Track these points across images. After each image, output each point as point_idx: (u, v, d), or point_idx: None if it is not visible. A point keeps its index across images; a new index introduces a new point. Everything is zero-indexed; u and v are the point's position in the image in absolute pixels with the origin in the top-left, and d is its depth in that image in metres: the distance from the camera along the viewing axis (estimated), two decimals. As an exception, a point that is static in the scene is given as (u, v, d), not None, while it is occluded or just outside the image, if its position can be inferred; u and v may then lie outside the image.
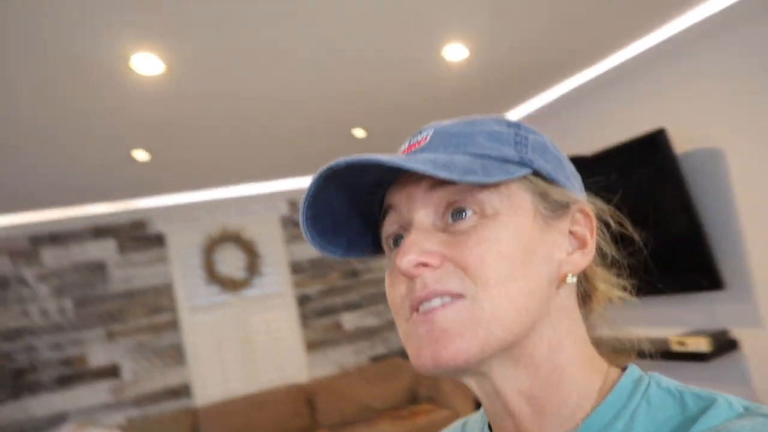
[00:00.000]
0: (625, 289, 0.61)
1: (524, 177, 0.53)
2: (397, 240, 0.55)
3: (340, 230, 0.57)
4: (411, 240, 0.49)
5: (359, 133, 3.68)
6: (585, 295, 0.59)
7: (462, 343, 0.46)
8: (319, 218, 0.54)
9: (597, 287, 0.59)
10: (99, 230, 4.29)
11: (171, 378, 4.30)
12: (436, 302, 0.48)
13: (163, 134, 3.04)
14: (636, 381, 0.51)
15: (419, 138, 0.55)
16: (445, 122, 0.56)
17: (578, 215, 0.56)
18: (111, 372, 4.18)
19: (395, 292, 0.52)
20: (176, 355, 4.34)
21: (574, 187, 0.57)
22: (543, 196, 0.53)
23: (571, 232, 0.55)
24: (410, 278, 0.50)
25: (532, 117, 3.80)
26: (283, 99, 2.87)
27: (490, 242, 0.49)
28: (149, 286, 4.33)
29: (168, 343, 4.34)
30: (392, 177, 0.55)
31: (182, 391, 4.32)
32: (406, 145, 0.56)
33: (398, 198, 0.53)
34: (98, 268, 4.25)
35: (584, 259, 0.54)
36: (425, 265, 0.49)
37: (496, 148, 0.52)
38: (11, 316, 4.01)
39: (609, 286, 0.60)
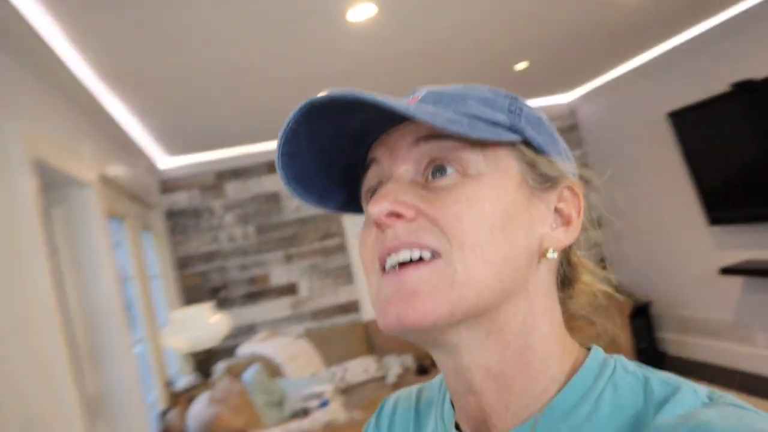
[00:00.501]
0: (609, 282, 0.58)
1: (513, 145, 0.51)
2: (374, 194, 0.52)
3: (317, 177, 0.55)
4: (387, 189, 0.48)
5: (521, 65, 3.73)
6: (565, 278, 0.57)
7: (430, 303, 0.45)
8: (296, 157, 0.51)
9: (580, 277, 0.57)
10: (272, 165, 4.72)
11: (341, 295, 4.80)
12: (404, 254, 0.46)
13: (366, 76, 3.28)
14: (601, 363, 0.50)
15: (410, 97, 0.53)
16: (443, 85, 0.54)
17: (566, 192, 0.54)
18: (290, 290, 4.72)
19: (365, 245, 0.51)
20: (345, 275, 4.81)
21: (565, 164, 0.55)
22: (531, 166, 0.52)
23: (557, 209, 0.53)
24: (381, 229, 0.48)
25: (705, 38, 3.65)
26: (461, 39, 2.99)
27: (470, 201, 0.47)
28: (319, 213, 4.76)
29: (338, 265, 4.80)
30: (380, 129, 0.52)
31: (351, 307, 4.81)
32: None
33: (381, 151, 0.52)
34: (273, 199, 4.73)
35: (567, 236, 0.53)
36: (398, 216, 0.47)
37: (488, 113, 0.51)
38: (204, 242, 4.60)
39: (594, 278, 0.58)
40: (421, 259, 0.47)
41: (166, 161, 4.43)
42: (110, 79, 2.55)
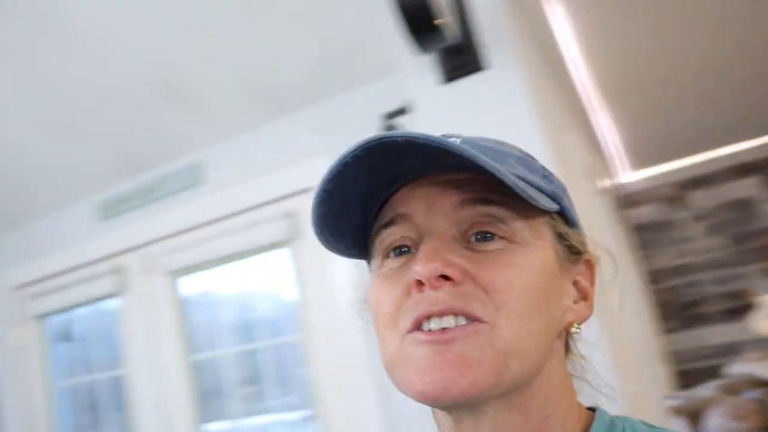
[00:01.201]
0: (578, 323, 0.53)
1: (548, 214, 0.50)
2: (401, 250, 0.50)
3: (337, 218, 0.51)
4: (433, 247, 0.45)
5: None
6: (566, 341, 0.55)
7: (479, 372, 0.42)
8: (333, 195, 0.48)
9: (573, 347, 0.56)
10: (740, 170, 4.32)
11: None
12: (448, 321, 0.44)
13: None
14: (608, 425, 0.50)
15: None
16: (467, 135, 0.52)
17: (583, 266, 0.54)
18: (782, 304, 4.16)
19: (389, 297, 0.48)
20: None
21: (586, 236, 0.55)
22: (560, 238, 0.51)
23: (575, 282, 0.53)
24: (421, 289, 0.45)
25: None
26: None
27: (521, 268, 0.46)
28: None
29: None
30: (408, 176, 0.50)
31: None
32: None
33: (415, 206, 0.49)
34: (744, 205, 4.30)
35: (588, 310, 0.53)
36: (446, 278, 0.45)
37: (529, 175, 0.49)
38: (673, 255, 4.48)
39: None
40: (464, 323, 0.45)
41: (628, 175, 4.54)
42: (604, 85, 2.49)
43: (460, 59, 1.45)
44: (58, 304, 2.79)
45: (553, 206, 0.49)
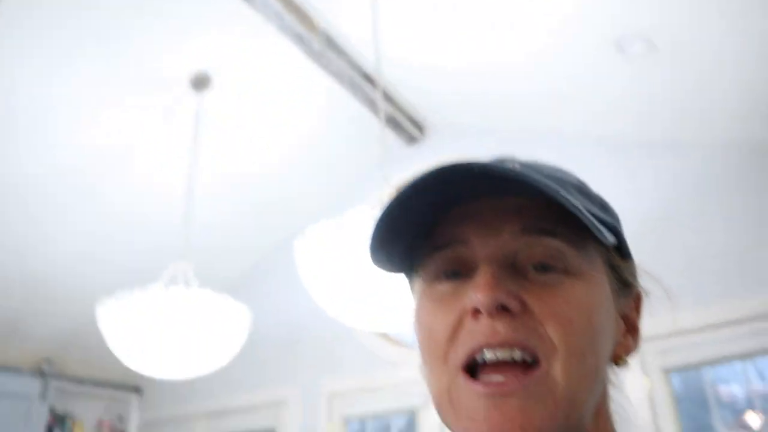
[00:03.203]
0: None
1: (604, 245, 0.48)
2: (450, 273, 0.47)
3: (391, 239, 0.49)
4: (494, 275, 0.43)
5: None
6: None
7: (542, 425, 0.41)
8: (395, 215, 0.46)
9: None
10: None
11: None
12: (503, 353, 0.42)
13: None
14: None
15: (507, 165, 0.45)
16: (521, 158, 0.51)
17: (632, 299, 0.53)
18: None
19: (443, 323, 0.45)
20: None
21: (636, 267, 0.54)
22: (613, 271, 0.50)
23: (623, 315, 0.51)
24: (476, 317, 0.43)
25: None
26: None
27: (581, 304, 0.44)
28: None
29: None
30: (465, 198, 0.47)
31: None
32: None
33: (473, 230, 0.46)
34: None
35: (636, 344, 0.52)
36: (505, 308, 0.42)
37: (589, 205, 0.47)
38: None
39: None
40: (520, 362, 0.43)
41: None
42: None
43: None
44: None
45: (612, 239, 0.46)
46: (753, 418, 2.46)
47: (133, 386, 4.20)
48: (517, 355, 0.42)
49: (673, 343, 2.53)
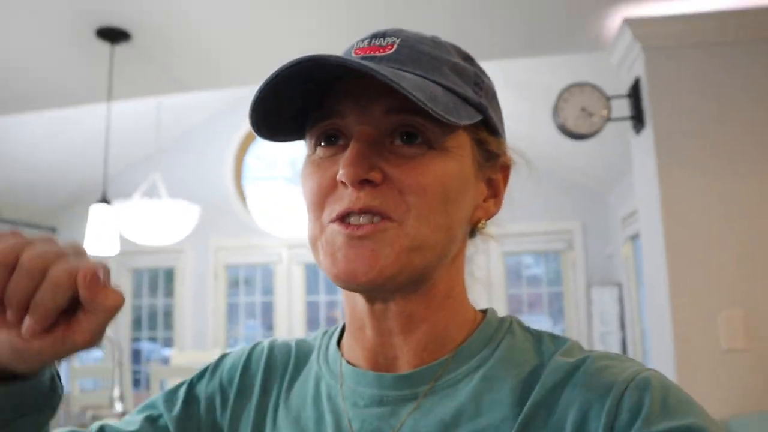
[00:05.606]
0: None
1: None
2: (330, 138, 0.54)
3: (271, 113, 0.54)
4: (358, 153, 0.49)
5: None
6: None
7: (385, 264, 0.49)
8: (268, 96, 0.51)
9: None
10: None
11: None
12: (365, 218, 0.49)
13: None
14: (499, 319, 0.58)
15: (383, 43, 0.53)
16: (411, 33, 0.55)
17: (498, 167, 0.59)
18: None
19: (320, 183, 0.52)
20: None
21: (505, 138, 0.59)
22: (480, 144, 0.55)
23: (488, 180, 0.58)
24: (344, 186, 0.50)
25: None
26: None
27: (436, 175, 0.50)
28: None
29: None
30: (340, 74, 0.51)
31: None
32: (365, 44, 0.54)
33: (349, 107, 0.52)
34: None
35: (496, 207, 0.58)
36: (368, 181, 0.49)
37: (460, 86, 0.53)
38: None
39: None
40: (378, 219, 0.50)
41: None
42: None
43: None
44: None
45: (474, 119, 0.52)
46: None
47: (49, 227, 5.37)
48: (376, 219, 0.49)
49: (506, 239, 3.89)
